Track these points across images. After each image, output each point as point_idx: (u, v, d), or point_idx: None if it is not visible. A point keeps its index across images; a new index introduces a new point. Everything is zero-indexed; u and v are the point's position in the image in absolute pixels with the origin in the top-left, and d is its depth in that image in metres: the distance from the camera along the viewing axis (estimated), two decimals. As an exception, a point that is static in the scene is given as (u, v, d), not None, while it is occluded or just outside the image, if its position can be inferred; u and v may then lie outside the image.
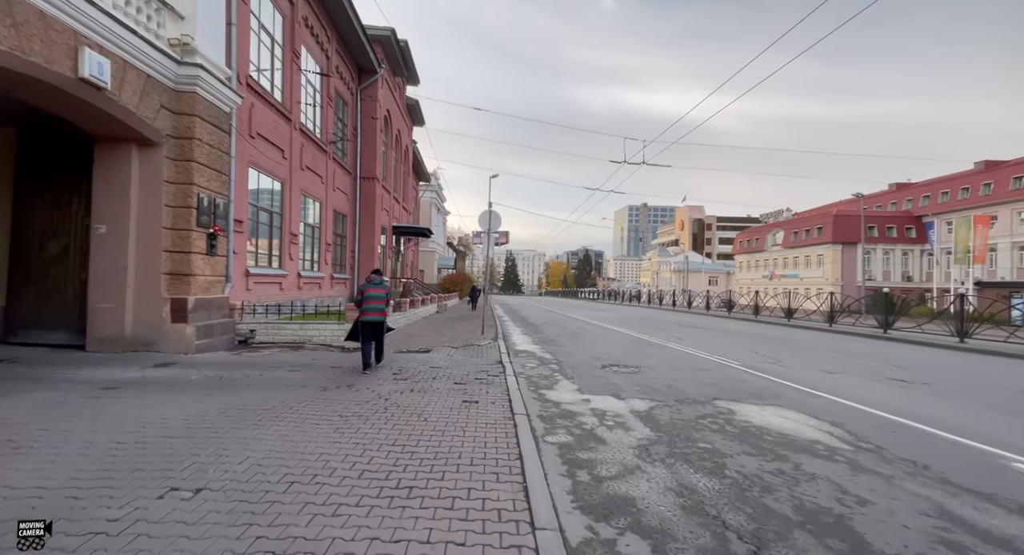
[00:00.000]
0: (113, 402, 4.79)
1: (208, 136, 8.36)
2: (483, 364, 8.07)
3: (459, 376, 6.93)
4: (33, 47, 5.32)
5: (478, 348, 10.14)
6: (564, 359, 9.19)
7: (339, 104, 17.67)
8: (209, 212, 8.43)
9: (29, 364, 6.63)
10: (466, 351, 9.65)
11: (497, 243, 15.33)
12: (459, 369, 7.51)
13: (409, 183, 29.77)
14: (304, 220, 14.34)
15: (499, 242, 14.51)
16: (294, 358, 8.04)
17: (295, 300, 13.34)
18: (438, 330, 13.65)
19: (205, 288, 8.39)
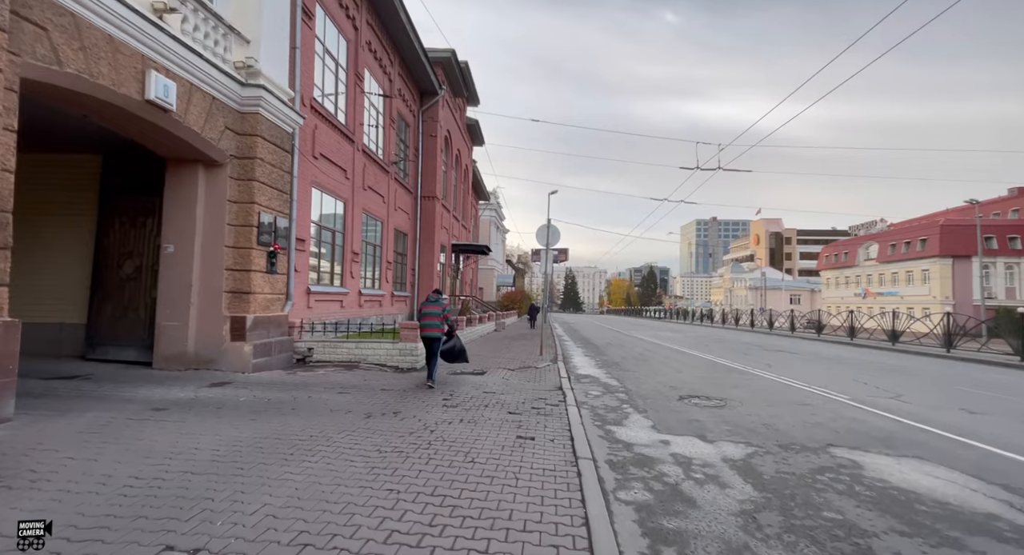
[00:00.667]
0: (154, 426, 4.58)
1: (270, 156, 8.49)
2: (541, 390, 7.32)
3: (514, 404, 6.22)
4: (101, 70, 5.48)
5: (536, 371, 9.40)
6: (633, 387, 8.20)
7: (401, 125, 18.03)
8: (270, 231, 8.49)
9: (98, 381, 6.79)
10: (523, 374, 8.94)
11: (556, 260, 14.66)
12: (514, 395, 6.81)
13: (468, 201, 30.00)
14: (365, 239, 14.50)
15: (558, 259, 13.82)
16: (346, 379, 7.75)
17: (356, 318, 13.36)
18: (495, 349, 13.07)
19: (264, 306, 8.40)
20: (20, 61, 4.61)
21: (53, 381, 6.61)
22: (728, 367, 11.14)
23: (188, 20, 6.99)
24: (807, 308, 60.13)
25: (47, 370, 7.32)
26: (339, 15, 12.54)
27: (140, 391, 6.12)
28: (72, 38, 5.13)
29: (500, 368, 9.69)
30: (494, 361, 10.79)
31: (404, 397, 6.48)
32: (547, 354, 12.40)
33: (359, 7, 13.62)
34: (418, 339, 9.19)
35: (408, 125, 18.94)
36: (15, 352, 4.52)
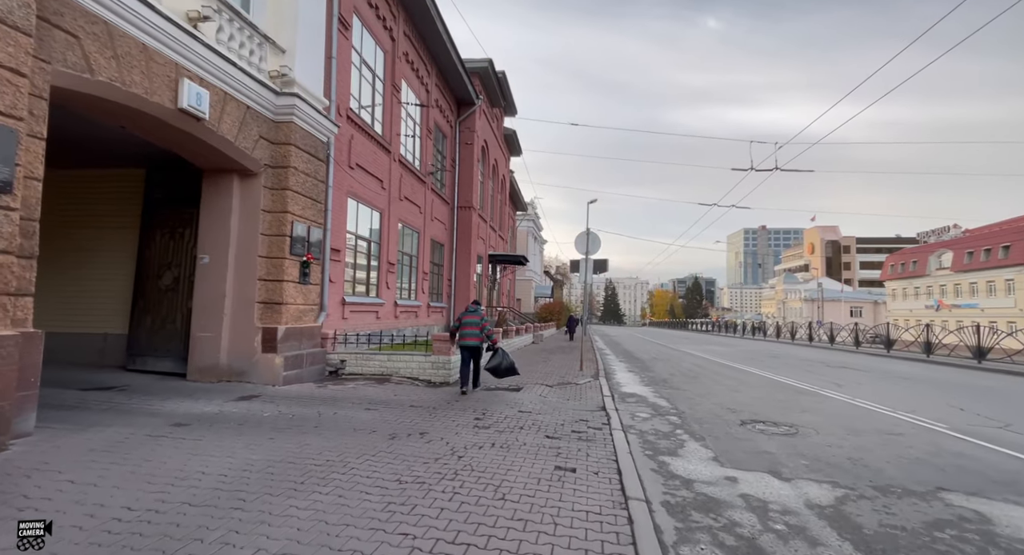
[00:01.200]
0: (169, 445, 4.32)
1: (304, 165, 8.40)
2: (582, 410, 6.68)
3: (552, 426, 5.63)
4: (133, 78, 5.45)
5: (576, 388, 8.75)
6: (686, 408, 7.40)
7: (438, 135, 18.00)
8: (303, 240, 8.37)
9: (131, 393, 6.75)
10: (562, 391, 8.31)
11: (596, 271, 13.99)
12: (553, 416, 6.22)
13: (506, 212, 29.77)
14: (401, 249, 14.37)
15: (598, 270, 13.16)
16: (376, 393, 7.40)
17: (392, 329, 13.16)
18: (532, 363, 12.49)
19: (296, 317, 8.24)
20: (51, 69, 4.58)
21: (90, 392, 6.61)
22: (791, 386, 10.05)
23: (223, 30, 7.00)
24: (870, 321, 55.85)
25: (87, 380, 7.38)
26: (376, 26, 12.60)
27: (167, 404, 5.97)
28: (105, 46, 5.11)
29: (537, 384, 9.10)
30: (531, 376, 10.21)
31: (433, 415, 6.03)
32: (588, 369, 11.69)
33: (396, 18, 13.68)
34: (450, 352, 8.80)
35: (445, 136, 18.92)
36: (38, 364, 4.40)
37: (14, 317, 4.20)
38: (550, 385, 9.04)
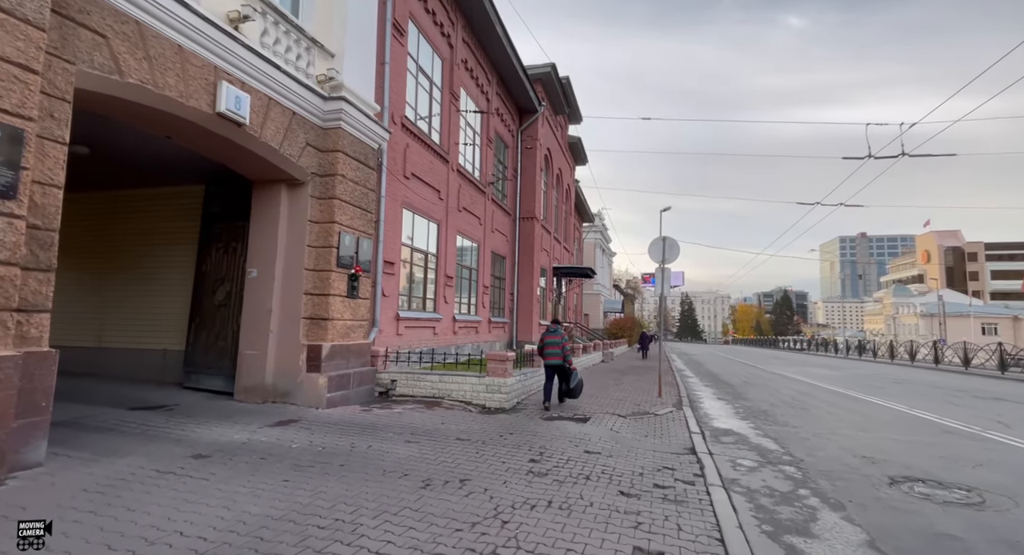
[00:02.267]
0: (169, 486, 3.75)
1: (352, 172, 8.00)
2: (665, 452, 5.41)
3: (628, 476, 4.46)
4: (167, 81, 5.21)
5: (655, 420, 7.42)
6: (804, 455, 5.83)
7: (498, 145, 17.48)
8: (351, 252, 7.92)
9: (173, 414, 6.51)
10: (638, 424, 7.03)
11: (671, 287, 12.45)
12: (628, 460, 5.03)
13: (571, 223, 28.68)
14: (460, 262, 13.80)
15: (673, 285, 11.66)
16: (422, 420, 6.62)
17: (450, 346, 12.54)
18: (602, 385, 11.19)
19: (344, 333, 7.75)
20: (75, 69, 4.34)
21: (135, 411, 6.44)
22: (938, 424, 7.94)
23: (268, 33, 6.77)
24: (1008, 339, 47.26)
25: (140, 399, 7.31)
26: (433, 33, 12.30)
27: (200, 430, 5.56)
28: (135, 47, 4.87)
29: (608, 413, 7.87)
30: (600, 402, 8.97)
31: (481, 453, 5.08)
32: (668, 395, 10.20)
33: (454, 25, 13.37)
34: (506, 374, 7.88)
35: (507, 145, 18.37)
36: (50, 388, 4.05)
37: (20, 334, 3.87)
38: (623, 415, 7.78)
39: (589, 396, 9.61)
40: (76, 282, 10.00)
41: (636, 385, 11.95)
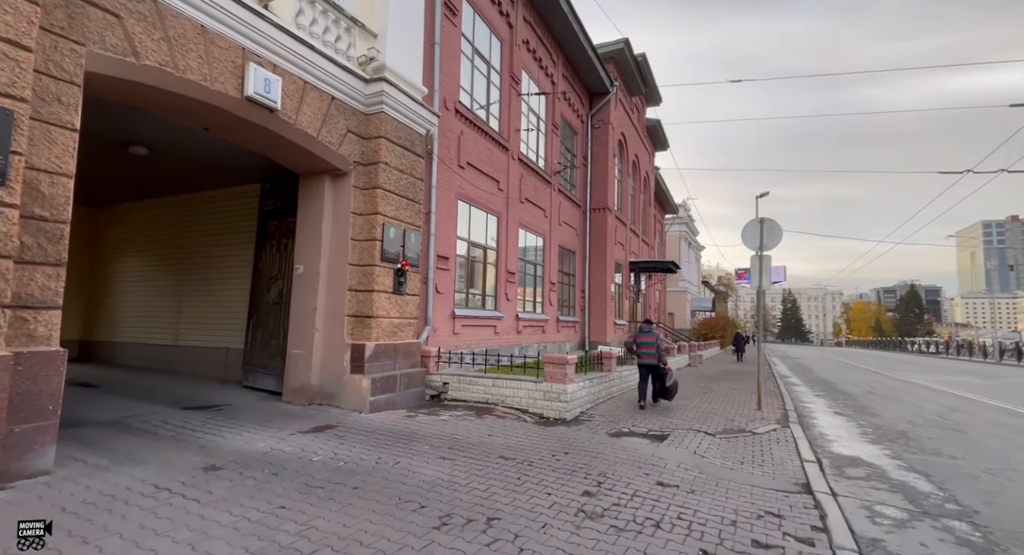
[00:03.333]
0: (152, 508, 3.34)
1: (396, 160, 7.51)
2: (767, 488, 4.16)
3: (714, 525, 3.34)
4: (189, 64, 4.96)
5: (753, 441, 6.04)
6: (976, 502, 4.23)
7: (566, 131, 16.45)
8: (397, 245, 7.43)
9: (216, 416, 6.42)
10: (730, 445, 5.73)
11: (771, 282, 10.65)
12: (714, 500, 3.87)
13: (650, 214, 26.72)
14: (524, 257, 13.01)
15: (773, 281, 9.90)
16: (467, 430, 5.88)
17: (513, 346, 11.80)
18: (687, 394, 9.77)
19: (390, 332, 7.28)
20: (85, 51, 4.14)
21: (186, 411, 6.41)
22: None
23: (304, 13, 6.44)
24: None
25: (196, 398, 7.38)
26: (490, 12, 11.63)
27: (230, 435, 5.28)
28: (152, 27, 4.64)
29: (692, 429, 6.60)
30: (684, 414, 7.68)
31: (523, 479, 4.20)
32: (770, 408, 8.58)
33: (514, 3, 12.60)
34: (566, 380, 6.92)
35: (575, 132, 17.27)
36: (57, 390, 3.84)
37: (24, 333, 3.68)
38: (711, 433, 6.48)
39: (670, 408, 8.33)
40: (157, 283, 10.67)
41: (729, 394, 10.35)
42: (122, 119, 6.56)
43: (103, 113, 6.28)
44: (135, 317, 10.94)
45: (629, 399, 8.96)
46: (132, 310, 11.03)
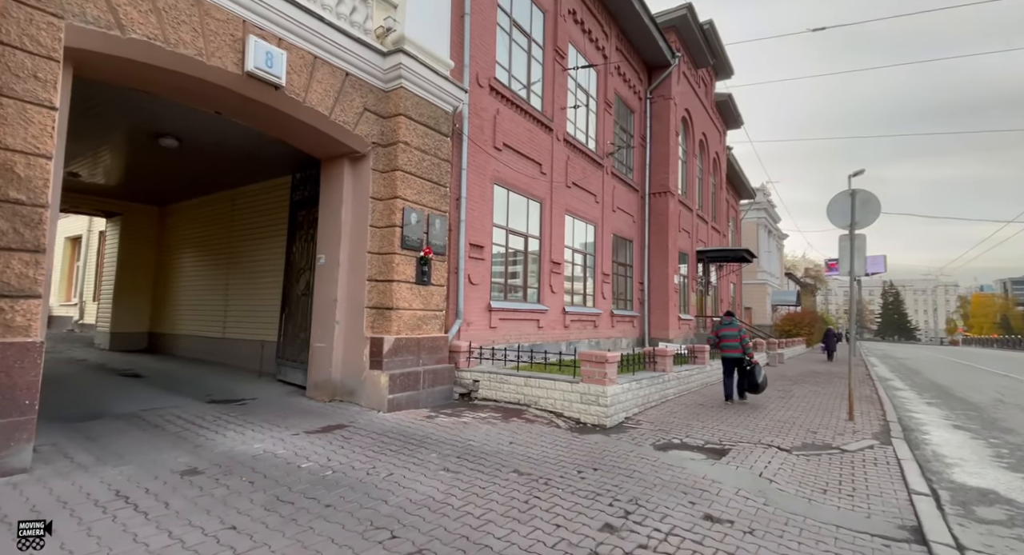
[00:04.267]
0: (96, 519, 3.03)
1: (418, 139, 7.01)
2: (857, 532, 3.15)
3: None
4: (181, 37, 4.71)
5: (840, 460, 4.88)
6: None
7: (620, 109, 15.29)
8: (419, 231, 6.95)
9: (237, 410, 6.26)
10: (810, 467, 4.64)
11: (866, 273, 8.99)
12: (780, 546, 2.94)
13: (721, 199, 24.60)
14: (571, 246, 12.15)
15: (870, 272, 8.28)
16: (487, 436, 5.25)
17: (559, 341, 11.05)
18: (759, 399, 8.48)
19: (413, 325, 6.82)
20: (64, 24, 3.95)
21: (209, 405, 6.34)
22: None
23: (312, -16, 6.07)
24: None
25: (227, 390, 7.37)
26: (528, -20, 10.85)
27: (231, 434, 5.03)
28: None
29: (760, 443, 5.52)
30: (752, 422, 6.54)
31: (531, 503, 3.49)
32: (865, 419, 7.17)
33: (555, -30, 11.72)
34: (606, 381, 6.08)
35: (632, 109, 16.04)
36: (34, 383, 3.68)
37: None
38: (785, 448, 5.37)
39: (736, 414, 7.20)
40: (207, 278, 11.06)
41: (812, 400, 8.90)
42: (149, 109, 6.58)
43: (129, 103, 6.33)
44: (191, 311, 11.44)
45: (688, 403, 7.91)
46: (189, 304, 11.56)
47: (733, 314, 8.76)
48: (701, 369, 9.78)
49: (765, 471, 4.54)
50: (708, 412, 7.30)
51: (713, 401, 8.27)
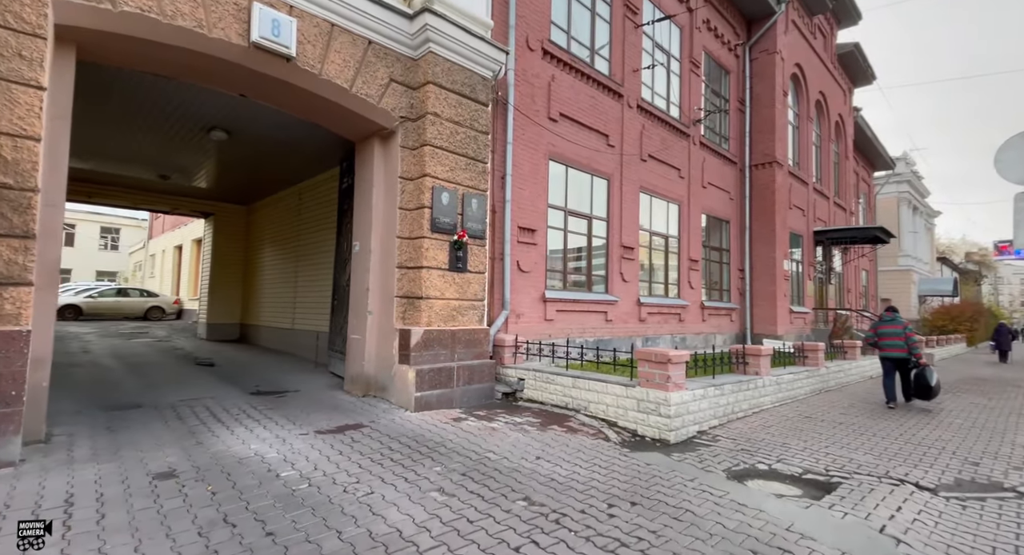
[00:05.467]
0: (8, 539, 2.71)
1: (450, 110, 6.35)
2: None
3: None
4: (178, 8, 4.50)
5: (1018, 509, 3.29)
6: None
7: (712, 69, 13.39)
8: (453, 213, 6.31)
9: (273, 403, 6.16)
10: (965, 517, 3.16)
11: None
12: None
13: (847, 170, 20.92)
14: (648, 228, 10.79)
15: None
16: (511, 449, 4.44)
17: (633, 336, 9.86)
18: (892, 413, 6.58)
19: (446, 316, 6.21)
20: (49, 0, 3.84)
21: (249, 397, 6.32)
22: None
23: (326, -55, 5.65)
24: None
25: (276, 382, 7.40)
26: (590, -73, 9.67)
27: (240, 430, 4.80)
28: (126, -34, 4.23)
29: (887, 477, 4.02)
30: (880, 442, 4.94)
31: (522, 552, 2.61)
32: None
33: (623, -88, 10.36)
34: (670, 386, 4.93)
35: (726, 69, 13.99)
36: (20, 373, 3.61)
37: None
38: (927, 486, 3.86)
39: (856, 430, 5.57)
40: (280, 270, 11.54)
41: (974, 415, 6.77)
42: (192, 101, 6.71)
43: (171, 96, 6.49)
44: (269, 303, 12.08)
45: (790, 415, 6.37)
46: (268, 296, 12.22)
47: (896, 310, 7.96)
48: (812, 372, 7.99)
49: (890, 524, 3.18)
50: (816, 427, 5.76)
51: (825, 413, 6.60)
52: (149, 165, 9.75)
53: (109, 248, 36.64)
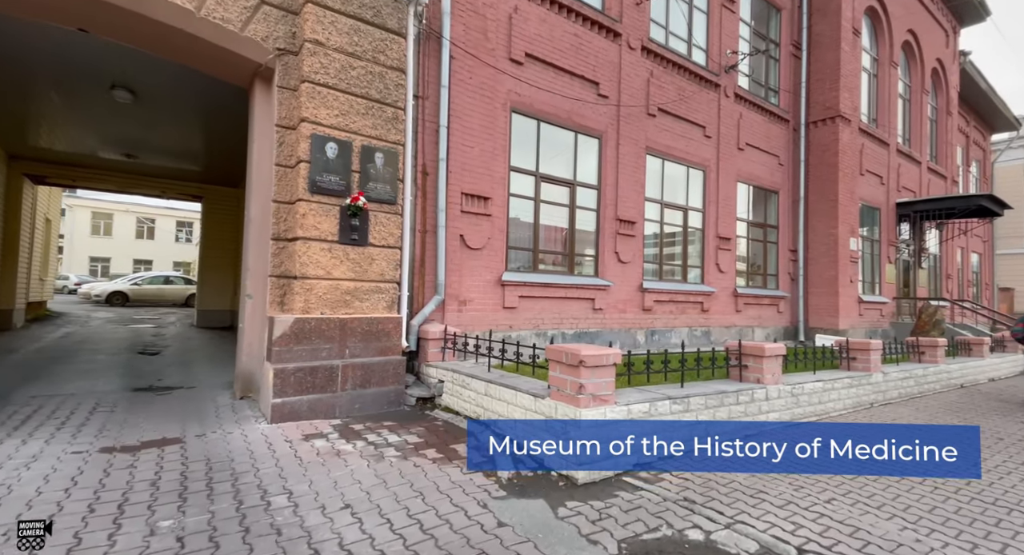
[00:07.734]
0: None
1: (339, 37, 5.08)
2: None
3: None
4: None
5: None
6: None
7: (758, 7, 11.12)
8: (343, 169, 5.05)
9: (127, 403, 5.26)
10: None
11: None
12: None
13: (948, 129, 17.21)
14: (658, 199, 8.94)
15: None
16: (310, 489, 3.14)
17: (632, 328, 8.18)
18: (985, 439, 4.51)
19: (333, 302, 4.98)
20: None
21: (132, 393, 5.50)
22: None
23: None
24: None
25: (186, 377, 6.56)
26: None
27: (10, 441, 3.84)
28: None
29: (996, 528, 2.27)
30: (1000, 477, 3.08)
31: None
32: None
33: None
34: (582, 401, 3.38)
35: (777, 7, 11.61)
36: None
37: None
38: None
39: (985, 456, 3.67)
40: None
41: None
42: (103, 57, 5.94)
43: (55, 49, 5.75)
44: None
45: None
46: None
47: None
48: (860, 378, 5.90)
49: None
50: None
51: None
52: (98, 140, 9.36)
53: (184, 241, 39.40)
